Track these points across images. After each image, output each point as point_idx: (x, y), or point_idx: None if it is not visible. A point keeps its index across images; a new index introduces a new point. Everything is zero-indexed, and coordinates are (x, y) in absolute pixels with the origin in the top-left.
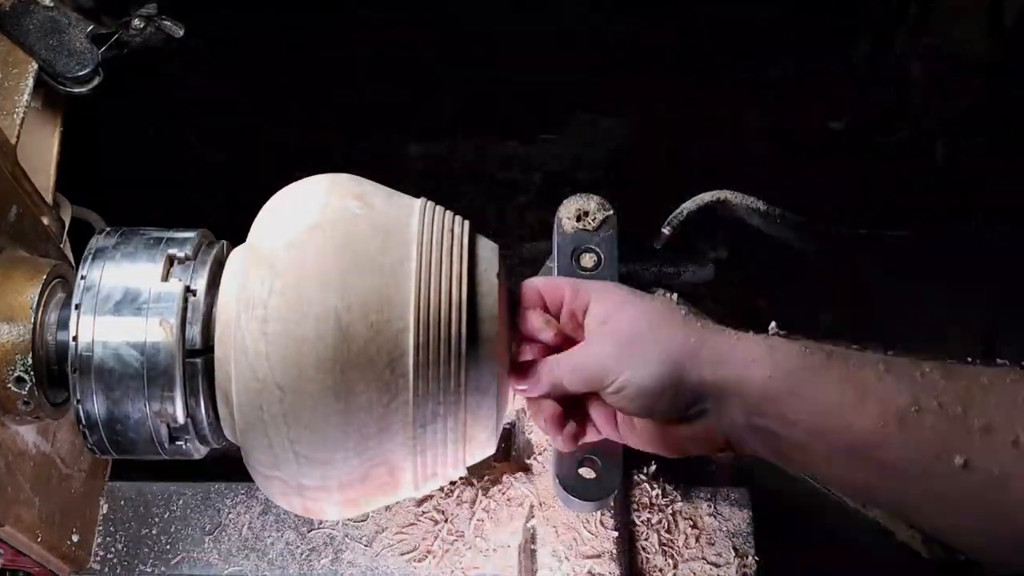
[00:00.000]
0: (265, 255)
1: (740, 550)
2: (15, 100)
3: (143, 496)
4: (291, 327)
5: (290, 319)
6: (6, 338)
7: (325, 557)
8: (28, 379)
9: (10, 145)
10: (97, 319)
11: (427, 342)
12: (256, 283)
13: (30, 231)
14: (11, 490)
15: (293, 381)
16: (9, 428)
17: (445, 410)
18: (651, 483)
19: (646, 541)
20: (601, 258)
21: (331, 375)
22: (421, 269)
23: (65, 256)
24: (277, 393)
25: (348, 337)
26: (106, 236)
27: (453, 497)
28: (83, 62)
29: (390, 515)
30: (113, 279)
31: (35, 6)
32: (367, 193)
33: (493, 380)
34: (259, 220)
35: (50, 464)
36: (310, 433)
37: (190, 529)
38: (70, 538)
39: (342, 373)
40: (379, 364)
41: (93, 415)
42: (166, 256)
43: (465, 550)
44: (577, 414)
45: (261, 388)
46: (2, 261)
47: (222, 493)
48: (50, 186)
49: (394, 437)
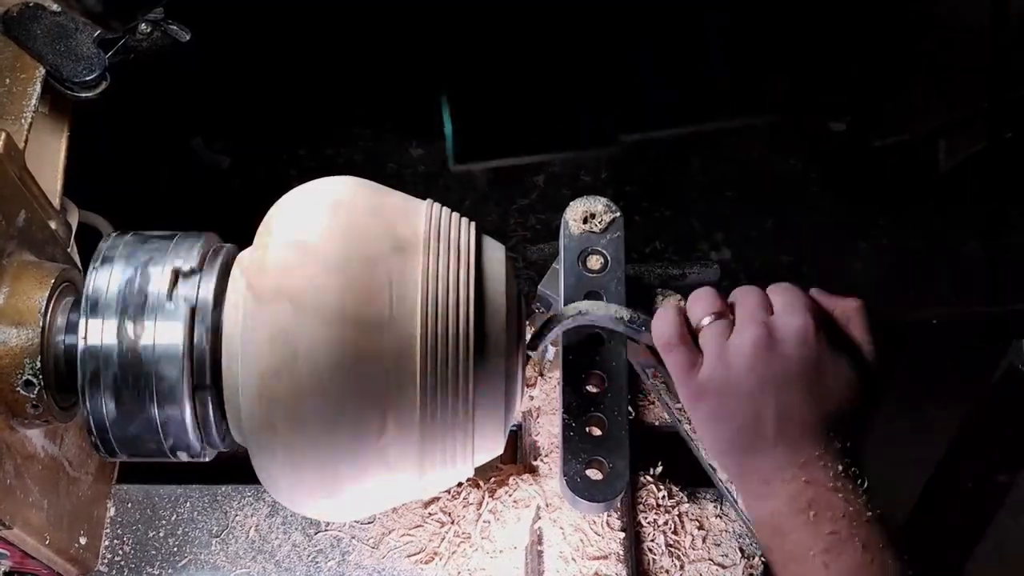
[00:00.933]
0: (271, 259)
1: (746, 551)
2: (23, 105)
3: (150, 499)
4: (298, 330)
5: (297, 322)
6: (15, 342)
7: (332, 559)
8: (37, 383)
9: (18, 150)
10: (105, 323)
11: (435, 344)
12: (262, 287)
13: (38, 235)
14: (20, 493)
15: (300, 385)
16: (18, 431)
17: (452, 412)
18: (657, 484)
19: (652, 542)
20: (608, 260)
21: (338, 378)
22: (428, 271)
23: (73, 260)
24: (284, 396)
25: (355, 340)
26: (113, 240)
27: (460, 499)
28: (90, 67)
29: (397, 517)
30: (121, 283)
31: (42, 11)
32: (373, 196)
33: (501, 382)
34: (265, 224)
35: (58, 467)
36: (317, 436)
37: (197, 531)
38: (78, 541)
39: (349, 376)
40: (386, 366)
41: (101, 418)
42: (172, 267)
43: (472, 552)
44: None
45: (268, 392)
46: (11, 265)
47: (229, 496)
48: (58, 190)
49: (401, 439)
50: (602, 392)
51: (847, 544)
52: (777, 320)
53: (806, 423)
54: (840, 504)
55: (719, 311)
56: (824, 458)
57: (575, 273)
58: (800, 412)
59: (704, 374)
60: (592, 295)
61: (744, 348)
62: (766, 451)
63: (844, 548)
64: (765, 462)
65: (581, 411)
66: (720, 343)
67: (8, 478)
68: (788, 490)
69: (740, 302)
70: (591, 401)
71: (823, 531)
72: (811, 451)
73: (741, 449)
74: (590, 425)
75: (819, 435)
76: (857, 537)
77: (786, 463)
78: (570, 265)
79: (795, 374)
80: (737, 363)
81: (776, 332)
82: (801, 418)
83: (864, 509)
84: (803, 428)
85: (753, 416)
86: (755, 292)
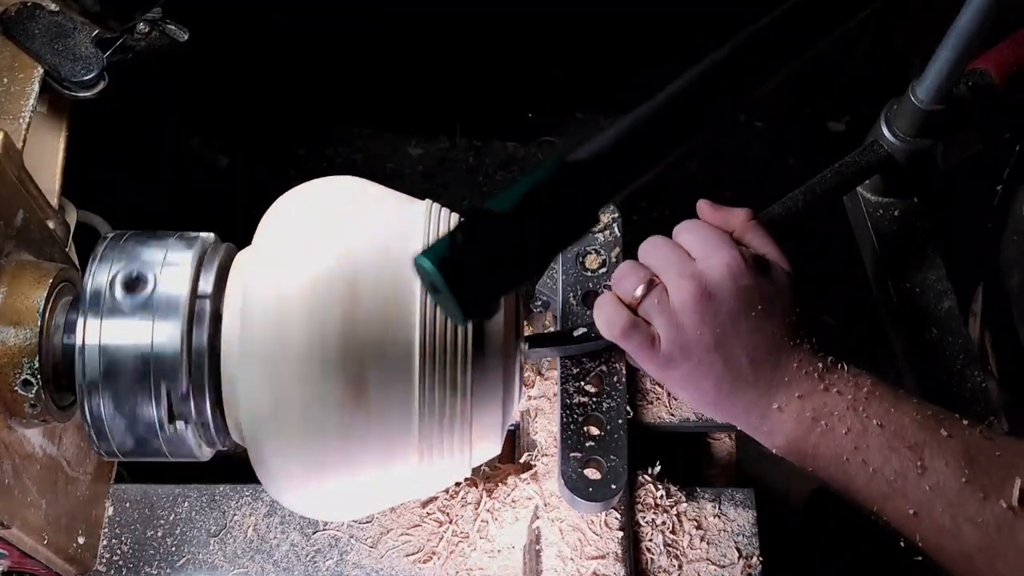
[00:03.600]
0: (271, 258)
1: (744, 551)
2: (21, 104)
3: (148, 498)
4: (297, 329)
5: (296, 322)
6: (13, 341)
7: (330, 558)
8: (35, 382)
9: (16, 149)
10: (104, 322)
11: (433, 343)
12: (262, 286)
13: (36, 235)
14: (18, 492)
15: (299, 383)
16: (16, 431)
17: (451, 411)
18: (656, 484)
19: (651, 542)
20: (606, 260)
21: (337, 377)
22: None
23: (71, 260)
24: (283, 395)
25: (354, 339)
26: (112, 240)
27: (458, 498)
28: (88, 66)
29: (395, 516)
30: (120, 283)
31: (41, 11)
32: (372, 196)
33: (499, 381)
34: (264, 223)
35: (56, 467)
36: (316, 435)
37: (195, 531)
38: (76, 540)
39: (348, 375)
40: (385, 365)
41: (100, 418)
42: (175, 251)
43: (470, 551)
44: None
45: (267, 391)
46: (9, 265)
47: (227, 495)
48: (56, 190)
49: (400, 438)
50: (600, 392)
51: (867, 430)
52: (702, 265)
53: (772, 344)
54: (838, 400)
55: (646, 279)
56: (802, 367)
57: (573, 273)
58: (763, 338)
59: (664, 346)
60: (590, 295)
61: (687, 306)
62: (749, 389)
63: (866, 435)
64: (755, 399)
65: (579, 410)
66: (663, 310)
67: (6, 478)
68: (788, 414)
69: (659, 262)
70: (589, 401)
71: (840, 432)
72: (788, 367)
73: (727, 397)
74: (588, 424)
75: (788, 349)
76: (872, 419)
77: (773, 390)
78: (568, 265)
79: (742, 307)
80: (687, 321)
81: (707, 277)
82: (766, 343)
83: (859, 391)
84: (771, 350)
85: (724, 363)
86: (667, 246)
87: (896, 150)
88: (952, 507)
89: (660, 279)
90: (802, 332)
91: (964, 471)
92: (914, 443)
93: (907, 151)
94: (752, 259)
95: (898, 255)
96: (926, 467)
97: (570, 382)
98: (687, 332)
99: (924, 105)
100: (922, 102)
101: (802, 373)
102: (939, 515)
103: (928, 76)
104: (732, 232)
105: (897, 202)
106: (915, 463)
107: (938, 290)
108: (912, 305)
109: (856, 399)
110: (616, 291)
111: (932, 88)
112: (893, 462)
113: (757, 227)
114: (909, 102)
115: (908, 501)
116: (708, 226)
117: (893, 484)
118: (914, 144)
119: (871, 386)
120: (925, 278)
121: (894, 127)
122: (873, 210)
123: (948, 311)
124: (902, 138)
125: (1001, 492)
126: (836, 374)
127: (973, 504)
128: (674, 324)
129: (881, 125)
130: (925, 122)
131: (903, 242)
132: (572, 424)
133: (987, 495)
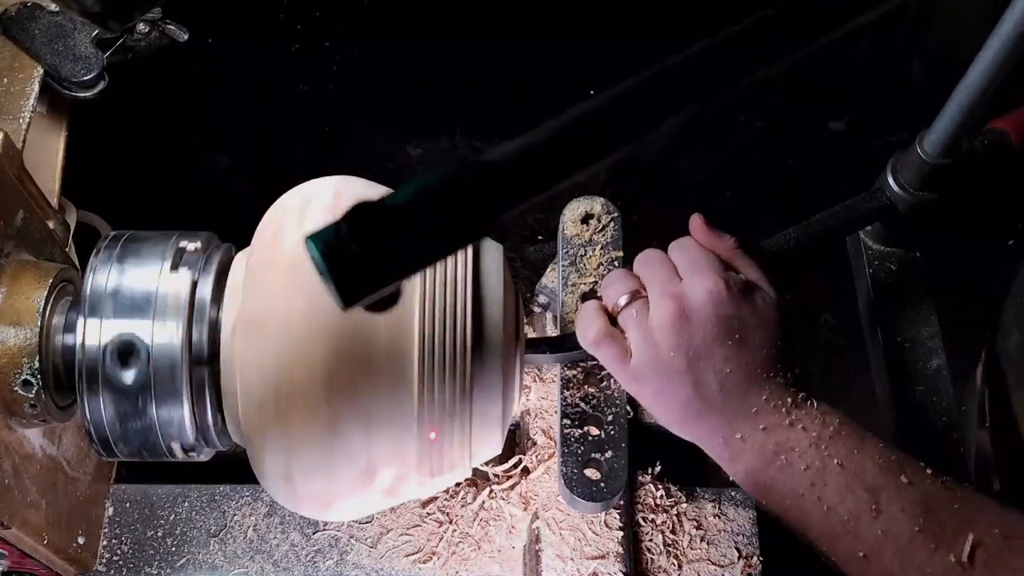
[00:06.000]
0: (270, 258)
1: (744, 551)
2: (21, 105)
3: (148, 498)
4: (295, 330)
5: (294, 322)
6: (13, 342)
7: (330, 559)
8: (35, 382)
9: (16, 149)
10: (103, 322)
11: (432, 343)
12: (261, 286)
13: (36, 235)
14: (18, 493)
15: (297, 384)
16: (16, 431)
17: (451, 411)
18: (656, 484)
19: (651, 542)
20: (606, 261)
21: (336, 377)
22: (426, 271)
23: (71, 260)
24: (282, 395)
25: (352, 339)
26: (112, 240)
27: (458, 498)
28: (88, 67)
29: (395, 516)
30: (119, 283)
31: (40, 11)
32: (372, 196)
33: (499, 381)
34: (263, 223)
35: (56, 467)
36: (315, 435)
37: (195, 531)
38: (76, 540)
39: (347, 375)
40: (384, 366)
41: (99, 418)
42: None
43: (470, 551)
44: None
45: (266, 391)
46: (9, 265)
47: (227, 495)
48: (55, 190)
49: (399, 439)
50: (600, 392)
51: (826, 469)
52: (686, 287)
53: (744, 374)
54: (802, 436)
55: (632, 290)
56: (771, 399)
57: (573, 273)
58: (735, 366)
59: (635, 361)
60: (589, 295)
61: (664, 326)
62: (715, 414)
63: (825, 473)
64: (719, 425)
65: (579, 411)
66: (640, 325)
67: (6, 478)
68: (751, 444)
69: (647, 276)
70: (589, 401)
71: (799, 468)
72: (757, 398)
73: (693, 418)
74: (588, 425)
75: (760, 380)
76: (833, 458)
77: (740, 419)
78: (568, 265)
79: (718, 334)
80: (662, 342)
81: (688, 300)
82: (738, 372)
83: (824, 429)
84: (743, 380)
85: (693, 386)
86: (658, 261)
87: (899, 200)
88: (902, 554)
89: (645, 292)
90: (778, 365)
91: (919, 519)
92: (873, 486)
93: (911, 203)
94: (738, 286)
95: (893, 306)
96: (881, 511)
97: (570, 382)
98: (660, 352)
99: (931, 159)
100: (929, 156)
101: (770, 406)
102: (888, 560)
103: (936, 130)
104: (721, 254)
105: (898, 253)
106: (870, 506)
107: (929, 347)
108: (900, 360)
109: (820, 436)
110: (603, 295)
111: (939, 142)
112: (849, 502)
113: (742, 251)
114: (915, 154)
115: (859, 543)
116: (698, 247)
117: (846, 524)
118: (918, 197)
119: (838, 425)
120: (918, 333)
121: (900, 177)
122: (872, 257)
123: (936, 370)
124: (907, 189)
125: (953, 545)
126: (804, 410)
127: (923, 553)
128: (649, 342)
129: (887, 174)
130: (931, 175)
131: (899, 295)
132: (572, 424)
133: (938, 546)
